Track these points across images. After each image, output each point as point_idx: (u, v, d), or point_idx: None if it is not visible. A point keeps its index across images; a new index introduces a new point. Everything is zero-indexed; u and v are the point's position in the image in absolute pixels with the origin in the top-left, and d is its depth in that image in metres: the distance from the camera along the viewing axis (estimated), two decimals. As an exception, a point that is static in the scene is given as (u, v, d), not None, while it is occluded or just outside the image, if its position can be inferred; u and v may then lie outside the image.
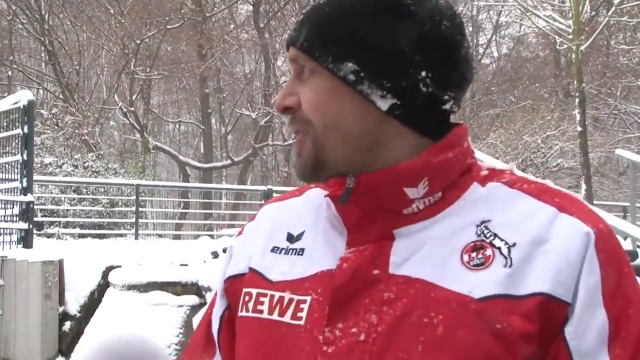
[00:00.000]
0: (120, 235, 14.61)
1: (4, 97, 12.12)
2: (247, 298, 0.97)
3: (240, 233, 1.10)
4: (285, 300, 0.92)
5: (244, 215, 22.09)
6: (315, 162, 0.91)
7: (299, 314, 0.90)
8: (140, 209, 13.78)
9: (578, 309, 0.83)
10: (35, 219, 9.24)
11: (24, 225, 7.86)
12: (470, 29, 29.31)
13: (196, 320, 6.15)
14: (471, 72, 0.94)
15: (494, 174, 0.94)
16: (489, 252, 0.86)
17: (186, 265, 7.22)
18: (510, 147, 17.46)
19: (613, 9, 15.04)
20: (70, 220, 14.20)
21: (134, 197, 13.54)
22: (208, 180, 24.68)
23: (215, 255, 7.54)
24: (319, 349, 0.87)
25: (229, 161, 25.58)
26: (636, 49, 20.32)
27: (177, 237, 16.56)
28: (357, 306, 0.87)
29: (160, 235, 16.56)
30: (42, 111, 19.16)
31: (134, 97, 22.90)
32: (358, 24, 0.88)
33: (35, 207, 9.61)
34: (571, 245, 0.84)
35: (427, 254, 0.87)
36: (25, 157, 7.97)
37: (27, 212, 7.87)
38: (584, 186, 13.06)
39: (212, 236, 12.13)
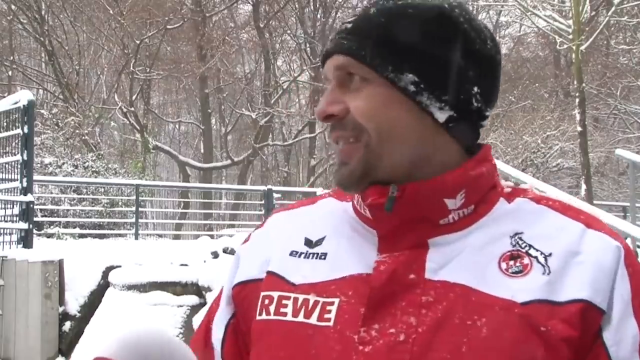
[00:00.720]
0: (120, 235, 14.61)
1: (4, 97, 12.12)
2: (266, 301, 0.97)
3: (246, 241, 1.10)
4: (311, 303, 0.93)
5: (244, 215, 22.10)
6: (364, 169, 0.92)
7: (327, 316, 0.91)
8: (140, 209, 13.78)
9: (615, 317, 0.87)
10: (35, 219, 9.24)
11: (24, 225, 7.86)
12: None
13: (196, 320, 6.15)
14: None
15: (518, 191, 0.98)
16: (526, 260, 0.89)
17: (186, 265, 7.22)
18: (510, 147, 17.47)
19: (613, 9, 15.05)
20: (70, 220, 14.20)
21: (134, 197, 13.54)
22: (208, 180, 24.68)
23: (215, 255, 7.54)
24: (354, 348, 0.88)
25: (229, 161, 25.58)
26: (636, 49, 20.32)
27: (177, 237, 16.56)
28: (393, 309, 0.89)
29: (160, 235, 16.56)
30: (42, 111, 19.17)
31: (134, 97, 22.91)
32: (418, 37, 0.90)
33: (35, 207, 9.61)
34: (604, 257, 0.89)
35: (464, 261, 0.90)
36: (25, 157, 7.97)
37: (27, 212, 7.87)
38: (584, 186, 13.04)
39: (212, 236, 12.14)
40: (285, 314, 0.94)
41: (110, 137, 26.87)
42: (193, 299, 6.39)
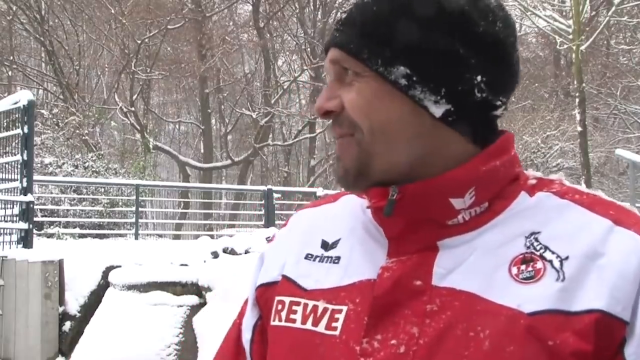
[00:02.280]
0: (120, 235, 14.62)
1: (4, 97, 12.13)
2: (279, 307, 0.94)
3: (271, 240, 1.07)
4: (320, 310, 0.89)
5: (244, 215, 22.10)
6: (358, 168, 0.87)
7: (334, 324, 0.87)
8: (140, 209, 13.78)
9: (639, 329, 0.78)
10: (35, 219, 9.24)
11: (24, 225, 7.86)
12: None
13: (196, 320, 6.15)
14: (519, 74, 0.90)
15: (542, 184, 0.89)
16: (539, 265, 0.82)
17: (186, 265, 7.22)
18: (511, 147, 17.46)
19: (613, 9, 15.06)
20: (70, 220, 14.21)
21: (134, 197, 13.54)
22: (208, 180, 24.68)
23: (215, 255, 7.54)
24: None
25: (229, 161, 25.58)
26: (636, 49, 20.33)
27: (177, 237, 16.56)
28: (397, 317, 0.84)
29: (160, 235, 16.57)
30: (43, 111, 19.18)
31: (134, 97, 22.91)
32: (409, 25, 0.83)
33: (35, 207, 9.61)
34: (629, 260, 0.79)
35: (472, 265, 0.84)
36: (25, 157, 7.96)
37: (27, 212, 7.87)
38: (583, 186, 13.05)
39: (212, 236, 12.14)
40: (294, 321, 0.91)
41: (111, 137, 26.87)
42: (193, 299, 6.39)
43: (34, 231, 8.44)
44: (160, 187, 17.48)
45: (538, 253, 0.82)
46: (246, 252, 7.70)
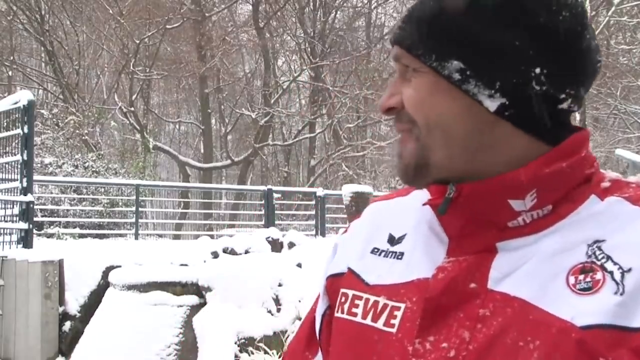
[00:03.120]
0: (120, 235, 14.62)
1: (4, 97, 12.13)
2: (343, 299, 0.95)
3: (346, 230, 1.06)
4: (380, 305, 0.89)
5: (244, 215, 22.09)
6: (417, 164, 0.86)
7: (392, 321, 0.87)
8: (140, 209, 13.79)
9: None
10: (35, 219, 9.24)
11: (24, 225, 7.86)
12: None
13: (196, 320, 6.16)
14: (594, 65, 0.85)
15: (616, 187, 0.84)
16: (598, 275, 0.78)
17: (186, 265, 7.22)
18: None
19: (613, 9, 15.06)
20: (70, 220, 14.21)
21: (134, 197, 13.54)
22: (208, 180, 24.68)
23: (215, 255, 7.54)
24: None
25: (229, 161, 25.58)
26: (636, 49, 20.33)
27: (177, 237, 16.57)
28: (450, 320, 0.82)
29: (160, 235, 16.57)
30: (43, 111, 19.20)
31: (134, 97, 22.91)
32: (462, 18, 0.82)
33: (35, 207, 9.62)
34: None
35: (529, 271, 0.81)
36: (25, 157, 7.97)
37: (27, 212, 7.87)
38: None
39: (212, 236, 12.14)
40: (355, 314, 0.91)
41: (111, 137, 26.86)
42: (193, 299, 6.39)
43: (34, 231, 8.44)
44: (160, 187, 17.49)
45: (599, 263, 0.78)
46: (246, 252, 7.70)
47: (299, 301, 6.27)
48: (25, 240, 7.80)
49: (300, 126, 26.99)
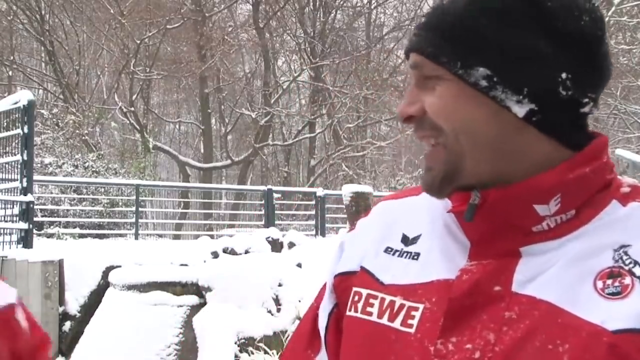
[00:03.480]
0: (120, 235, 14.62)
1: (4, 97, 12.13)
2: (356, 298, 0.94)
3: (352, 228, 1.05)
4: (396, 305, 0.89)
5: (244, 215, 22.10)
6: (447, 172, 0.85)
7: (410, 321, 0.87)
8: (140, 209, 13.79)
9: None
10: (35, 219, 9.24)
11: (24, 225, 7.87)
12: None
13: (196, 320, 6.16)
14: (610, 68, 0.87)
15: (636, 192, 0.85)
16: (627, 280, 0.78)
17: (186, 265, 7.22)
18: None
19: (613, 9, 15.06)
20: (70, 220, 14.22)
21: (134, 197, 13.55)
22: (208, 180, 24.67)
23: (215, 255, 7.54)
24: None
25: (229, 161, 25.57)
26: (636, 49, 20.33)
27: (177, 237, 16.57)
28: (474, 322, 0.82)
29: (160, 235, 16.58)
30: (43, 111, 19.20)
31: (134, 97, 22.91)
32: (488, 24, 0.82)
33: (35, 207, 9.62)
34: None
35: (555, 275, 0.81)
36: (25, 157, 7.97)
37: (27, 212, 7.87)
38: None
39: (212, 236, 12.14)
40: (370, 314, 0.91)
41: (111, 137, 26.87)
42: (193, 299, 6.39)
43: (34, 231, 8.44)
44: (160, 187, 17.50)
45: (627, 268, 0.79)
46: (246, 252, 7.70)
47: (299, 301, 6.26)
48: (25, 240, 7.80)
49: (300, 126, 26.98)
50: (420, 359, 0.84)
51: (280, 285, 6.46)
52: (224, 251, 7.63)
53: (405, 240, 0.95)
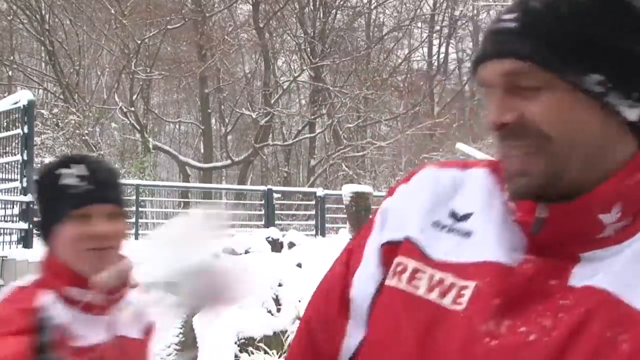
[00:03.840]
0: (120, 235, 14.60)
1: (4, 97, 12.13)
2: (399, 268, 0.93)
3: (390, 194, 1.02)
4: (447, 283, 0.88)
5: (244, 215, 22.10)
6: (548, 180, 0.84)
7: (460, 300, 0.86)
8: (140, 209, 13.79)
9: None
10: (35, 219, 9.24)
11: (24, 225, 7.87)
12: (471, 28, 29.31)
13: (196, 320, 6.15)
14: None
15: None
16: None
17: (186, 265, 7.22)
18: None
19: (613, 9, 15.06)
20: (70, 220, 14.20)
21: (134, 197, 13.54)
22: (208, 180, 24.66)
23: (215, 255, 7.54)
24: (480, 340, 0.83)
25: (229, 161, 25.56)
26: (636, 49, 20.34)
27: (177, 237, 16.53)
28: (529, 310, 0.83)
29: (160, 235, 16.54)
30: (43, 111, 19.20)
31: (134, 97, 22.91)
32: (596, 29, 0.81)
33: (35, 207, 9.61)
34: None
35: (614, 270, 0.82)
36: (25, 157, 7.97)
37: (27, 212, 7.87)
38: None
39: (212, 236, 12.11)
40: (417, 288, 0.90)
41: (111, 137, 26.85)
42: (193, 299, 6.39)
43: (34, 231, 8.44)
44: (160, 187, 17.50)
45: None
46: (246, 252, 7.70)
47: (299, 301, 6.26)
48: (25, 240, 7.80)
49: (300, 126, 26.98)
50: (467, 336, 0.83)
51: (280, 285, 6.46)
52: (224, 251, 7.63)
53: (455, 216, 0.94)
